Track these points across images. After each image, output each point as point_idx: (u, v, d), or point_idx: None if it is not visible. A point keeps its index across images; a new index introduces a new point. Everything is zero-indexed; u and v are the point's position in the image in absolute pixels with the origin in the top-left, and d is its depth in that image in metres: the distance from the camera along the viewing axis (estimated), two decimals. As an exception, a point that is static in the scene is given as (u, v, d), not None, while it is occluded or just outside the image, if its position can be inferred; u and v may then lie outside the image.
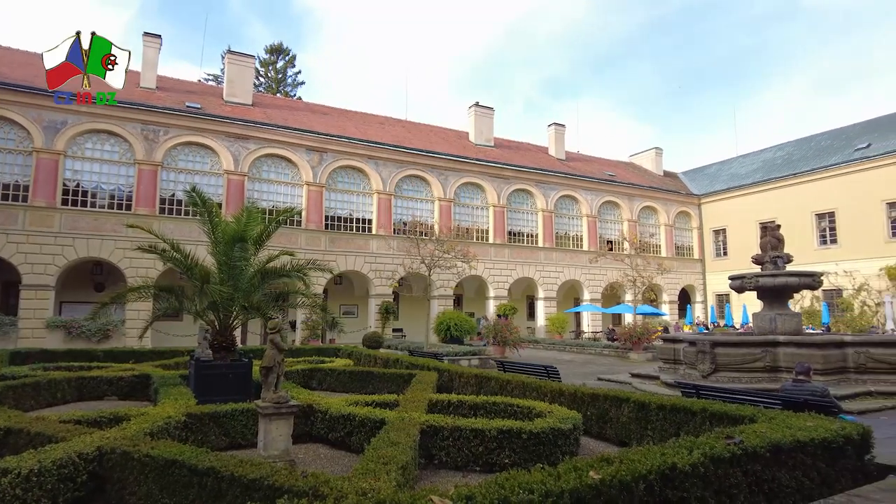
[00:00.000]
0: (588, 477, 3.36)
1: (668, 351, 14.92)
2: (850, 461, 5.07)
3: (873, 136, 33.61)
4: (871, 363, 12.28)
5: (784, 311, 14.56)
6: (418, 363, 12.69)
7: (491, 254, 32.19)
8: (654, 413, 6.73)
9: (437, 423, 6.30)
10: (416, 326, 29.71)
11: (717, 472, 4.09)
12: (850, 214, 32.09)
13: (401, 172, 29.83)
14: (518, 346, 22.48)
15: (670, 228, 40.00)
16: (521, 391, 8.99)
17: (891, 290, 29.92)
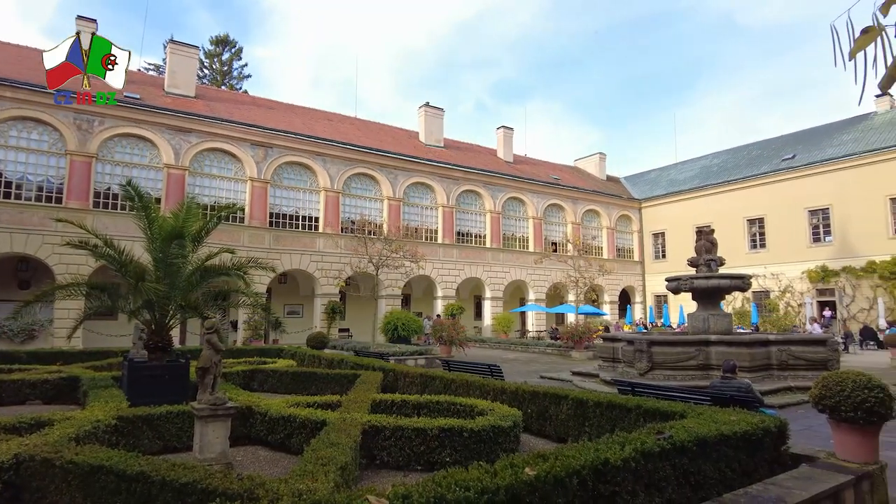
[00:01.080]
0: (524, 473, 3.43)
1: (607, 350, 15.39)
2: (768, 452, 5.39)
3: (798, 147, 35.77)
4: (792, 360, 13.08)
5: (716, 311, 15.29)
6: (363, 363, 12.60)
7: (440, 254, 32.31)
8: (591, 410, 6.94)
9: (379, 423, 6.29)
10: (363, 326, 29.48)
11: (648, 467, 4.25)
12: (777, 221, 34.05)
13: (349, 170, 29.51)
14: (464, 345, 22.65)
15: (612, 231, 41.28)
16: (465, 390, 9.07)
17: (811, 292, 31.94)
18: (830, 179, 31.73)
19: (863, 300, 29.77)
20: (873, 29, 2.33)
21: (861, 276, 29.81)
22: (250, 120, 27.33)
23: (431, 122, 36.49)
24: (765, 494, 4.36)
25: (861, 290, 29.96)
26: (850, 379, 5.34)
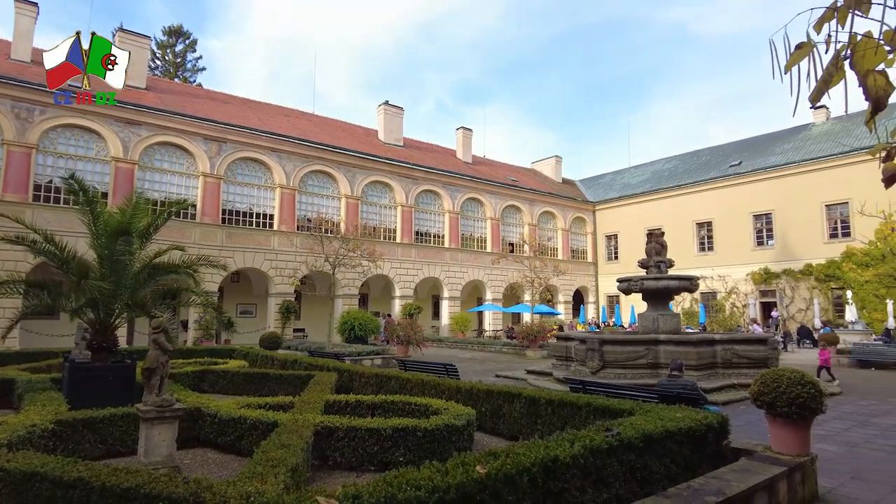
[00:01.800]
0: (475, 472, 3.47)
1: (560, 349, 15.67)
2: (711, 447, 5.61)
3: (744, 154, 37.29)
4: (736, 359, 13.63)
5: (666, 311, 15.78)
6: (318, 364, 12.44)
7: (398, 253, 32.21)
8: (543, 408, 7.06)
9: (332, 424, 6.23)
10: (319, 326, 29.11)
11: (596, 463, 4.36)
12: (725, 224, 35.41)
13: (306, 167, 29.06)
14: (422, 344, 22.64)
15: (567, 233, 42.06)
16: (421, 389, 9.08)
17: (755, 293, 33.36)
18: (773, 186, 33.22)
19: (800, 301, 31.28)
20: (807, 45, 2.45)
21: (799, 278, 31.33)
22: (204, 114, 26.58)
23: (391, 121, 36.34)
24: (706, 487, 4.55)
25: (799, 292, 31.47)
26: (785, 376, 5.62)
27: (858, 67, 2.26)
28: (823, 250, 30.46)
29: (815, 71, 2.42)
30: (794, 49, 2.48)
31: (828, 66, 2.32)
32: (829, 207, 30.86)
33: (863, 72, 2.25)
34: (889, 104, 3.44)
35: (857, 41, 2.27)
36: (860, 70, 2.25)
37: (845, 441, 8.13)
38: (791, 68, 2.51)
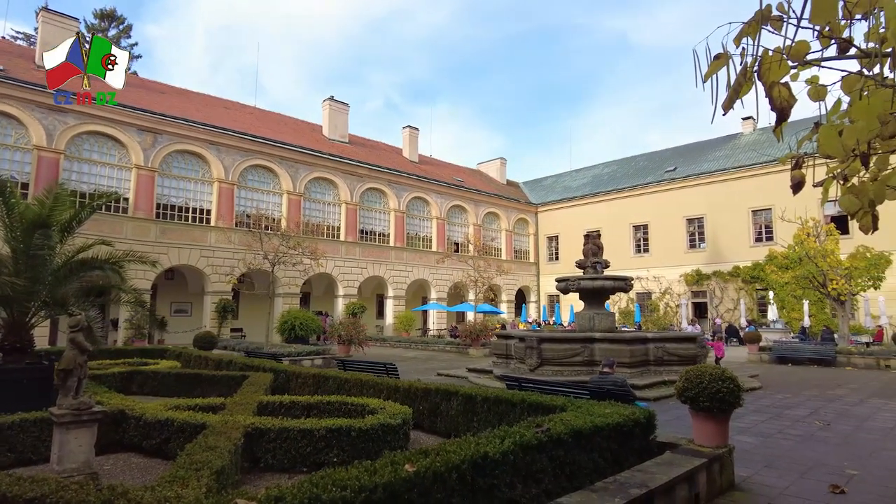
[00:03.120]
0: (403, 470, 3.45)
1: (501, 346, 15.88)
2: (638, 441, 5.80)
3: (679, 160, 38.96)
4: (667, 356, 14.18)
5: (602, 310, 16.26)
6: (254, 364, 12.10)
7: (342, 251, 31.78)
8: (480, 405, 7.12)
9: (264, 426, 6.07)
10: (258, 326, 28.33)
11: (526, 459, 4.42)
12: (660, 227, 36.88)
13: (246, 161, 28.21)
14: (364, 344, 22.43)
15: (510, 233, 42.71)
16: (359, 389, 8.98)
17: (687, 293, 34.92)
18: (705, 191, 34.87)
19: (729, 301, 33.00)
20: (724, 56, 2.57)
21: (728, 279, 33.04)
22: (138, 103, 25.33)
23: (336, 117, 35.82)
24: (631, 480, 4.71)
25: (727, 293, 33.19)
26: (707, 372, 5.90)
27: (765, 79, 2.39)
28: (749, 253, 32.24)
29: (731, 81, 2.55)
30: (713, 59, 2.60)
31: (738, 76, 2.44)
32: (755, 213, 32.69)
33: (769, 83, 2.38)
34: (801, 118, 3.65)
35: (765, 55, 2.41)
36: (766, 81, 2.39)
37: (761, 432, 8.62)
38: (709, 77, 2.64)
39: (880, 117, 2.61)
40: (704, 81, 2.65)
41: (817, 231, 22.32)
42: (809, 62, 2.50)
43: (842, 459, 7.05)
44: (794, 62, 2.41)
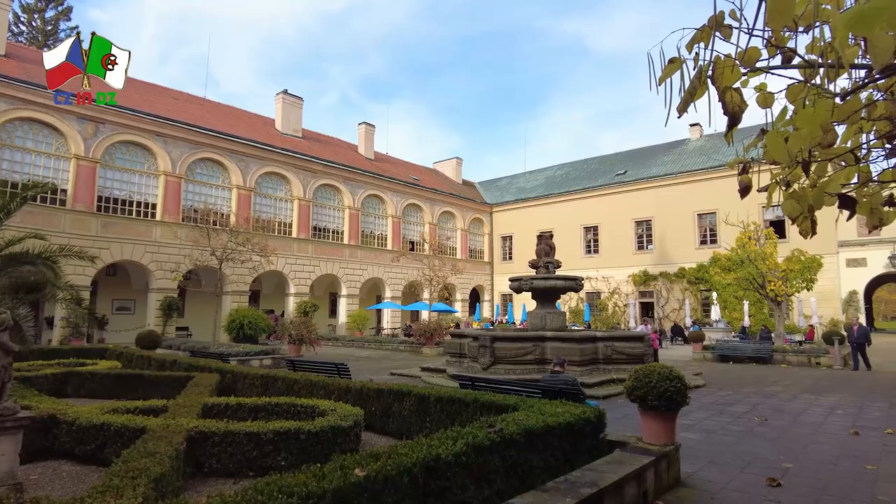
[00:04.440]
0: (353, 475, 3.36)
1: (455, 346, 15.89)
2: (588, 440, 5.87)
3: (629, 164, 40.02)
4: (616, 355, 14.51)
5: (553, 310, 16.50)
6: (199, 364, 11.67)
7: (293, 249, 31.13)
8: (432, 405, 7.07)
9: (208, 429, 5.82)
10: (205, 325, 27.41)
11: (478, 460, 4.39)
12: (610, 229, 37.79)
13: (194, 154, 27.25)
14: (316, 343, 22.02)
15: (465, 233, 42.90)
16: (309, 390, 8.78)
17: (635, 293, 35.92)
18: (653, 195, 35.94)
19: (674, 301, 34.12)
20: (678, 60, 2.60)
21: (674, 280, 34.16)
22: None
23: (289, 111, 35.06)
24: (582, 479, 4.75)
25: (673, 293, 34.32)
26: (655, 372, 6.03)
27: (718, 84, 2.43)
28: (695, 255, 33.43)
29: (685, 85, 2.59)
30: (667, 63, 2.63)
31: (692, 80, 2.47)
32: (700, 216, 33.92)
33: (722, 88, 2.42)
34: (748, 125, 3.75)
35: (718, 60, 2.45)
36: (720, 86, 2.43)
37: (705, 429, 8.91)
38: (664, 81, 2.66)
39: (822, 126, 2.70)
40: (659, 85, 2.67)
41: (758, 235, 23.32)
42: (759, 69, 2.55)
43: (778, 453, 7.35)
44: (746, 68, 2.45)
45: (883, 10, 1.41)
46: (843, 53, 1.88)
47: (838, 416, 10.20)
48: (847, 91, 2.85)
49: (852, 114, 2.87)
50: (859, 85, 2.98)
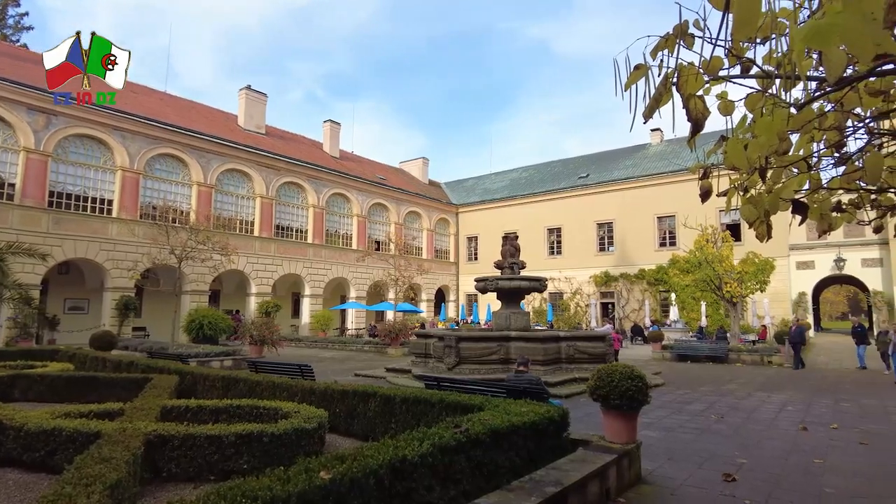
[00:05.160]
0: (318, 478, 3.32)
1: (420, 346, 15.88)
2: (552, 439, 5.94)
3: (592, 168, 40.75)
4: (578, 354, 14.75)
5: (517, 310, 16.66)
6: (157, 366, 11.34)
7: (255, 247, 30.55)
8: (398, 406, 7.04)
9: (167, 433, 5.66)
10: (163, 325, 26.66)
11: (445, 461, 4.39)
12: (572, 231, 38.40)
13: (153, 149, 26.45)
14: (278, 344, 21.68)
15: (431, 233, 42.91)
16: (272, 392, 8.64)
17: (596, 294, 36.59)
18: (615, 198, 36.68)
19: (634, 302, 34.90)
20: (643, 67, 2.65)
21: (634, 281, 34.94)
22: (28, 79, 23.02)
23: (253, 107, 34.40)
24: (547, 478, 4.81)
25: (633, 294, 35.09)
26: (617, 371, 6.15)
27: (682, 91, 2.50)
28: (654, 257, 34.26)
29: (650, 91, 2.65)
30: (633, 70, 2.69)
31: (658, 87, 2.53)
32: (660, 219, 34.78)
33: (686, 95, 2.49)
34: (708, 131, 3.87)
35: (682, 68, 2.52)
36: (684, 93, 2.49)
37: (664, 427, 9.14)
38: (630, 87, 2.72)
39: (779, 134, 2.81)
40: (625, 91, 2.73)
41: (715, 238, 24.05)
42: (721, 78, 2.63)
43: (733, 449, 7.60)
44: (709, 76, 2.53)
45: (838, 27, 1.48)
46: (800, 65, 1.95)
47: (789, 412, 10.61)
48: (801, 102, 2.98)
49: (806, 123, 3.00)
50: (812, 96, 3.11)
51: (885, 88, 3.48)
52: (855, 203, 4.35)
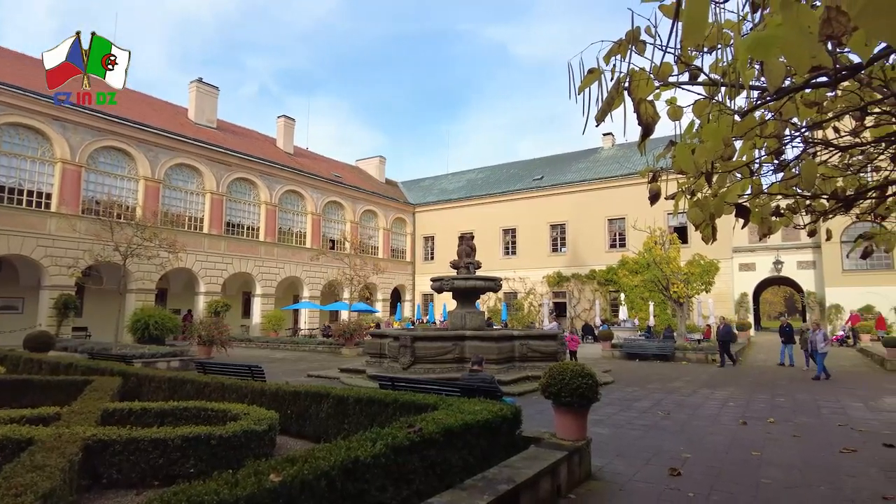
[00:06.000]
0: (268, 480, 3.25)
1: (375, 346, 15.78)
2: (505, 437, 6.00)
3: (546, 170, 41.44)
4: (531, 353, 14.96)
5: (473, 309, 16.77)
6: (99, 367, 10.85)
7: (205, 245, 29.64)
8: (351, 407, 6.97)
9: (108, 437, 5.42)
10: (107, 325, 25.52)
11: (398, 461, 4.37)
12: (527, 231, 38.96)
13: (97, 141, 25.30)
14: (228, 345, 21.12)
15: (388, 232, 42.69)
16: (221, 394, 8.40)
17: (549, 294, 37.23)
18: (568, 200, 37.42)
19: (585, 302, 35.69)
20: (596, 71, 2.71)
21: (585, 281, 35.74)
22: (-46, 64, 21.65)
23: (204, 100, 33.37)
24: (499, 476, 4.85)
25: (585, 294, 35.88)
26: (569, 369, 6.26)
27: (634, 95, 2.57)
28: (605, 258, 35.13)
29: (602, 95, 2.71)
30: (587, 73, 2.74)
31: (611, 91, 2.59)
32: (611, 221, 35.70)
33: (637, 99, 2.56)
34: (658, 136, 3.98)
35: (634, 73, 2.59)
36: (635, 97, 2.56)
37: (613, 423, 9.37)
38: (583, 90, 2.78)
39: (724, 140, 2.93)
40: (579, 94, 2.79)
41: (663, 240, 24.84)
42: (671, 84, 2.72)
43: (679, 445, 7.87)
44: (660, 82, 2.60)
45: (777, 38, 1.54)
46: (744, 75, 2.04)
47: (730, 408, 11.06)
48: (744, 109, 3.11)
49: (748, 130, 3.14)
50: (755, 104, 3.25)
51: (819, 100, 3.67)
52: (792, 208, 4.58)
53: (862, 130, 4.30)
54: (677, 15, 2.17)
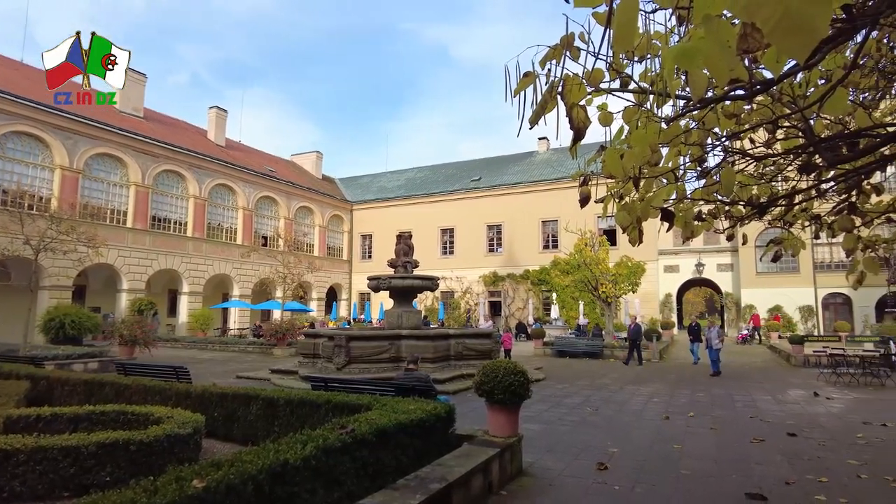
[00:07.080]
0: (191, 487, 3.10)
1: (308, 346, 15.44)
2: (439, 436, 6.02)
3: (484, 171, 41.98)
4: (466, 351, 15.10)
5: (410, 308, 16.73)
6: (3, 371, 10.05)
7: (128, 240, 28.06)
8: (282, 409, 6.78)
9: (10, 446, 5.01)
10: (15, 324, 23.61)
11: (329, 463, 4.29)
12: (464, 231, 39.34)
13: (7, 126, 23.42)
14: (152, 345, 20.06)
15: (324, 230, 41.92)
16: (143, 396, 7.98)
17: (485, 293, 37.75)
18: (504, 201, 38.09)
19: (519, 301, 36.43)
20: (532, 74, 2.75)
21: (520, 281, 36.49)
22: None
23: (130, 88, 31.41)
24: (432, 475, 4.86)
25: (519, 293, 36.63)
26: (501, 367, 6.35)
27: (567, 100, 2.63)
28: (538, 259, 36.01)
29: (537, 98, 2.76)
30: (522, 77, 2.78)
31: (544, 95, 2.64)
32: (545, 223, 36.62)
33: (569, 104, 2.62)
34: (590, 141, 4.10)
35: (567, 77, 2.65)
36: (568, 102, 2.62)
37: (544, 420, 9.61)
38: (518, 93, 2.82)
39: (651, 146, 3.05)
40: (514, 97, 2.82)
41: (593, 242, 25.69)
42: (602, 90, 2.80)
43: (606, 440, 8.16)
44: (591, 87, 2.67)
45: (700, 51, 1.62)
46: (670, 84, 2.13)
47: (655, 403, 11.58)
48: (670, 117, 3.26)
49: (674, 138, 3.29)
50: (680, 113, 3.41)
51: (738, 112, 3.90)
52: (713, 213, 4.85)
53: (774, 142, 4.61)
54: (609, 22, 2.24)
